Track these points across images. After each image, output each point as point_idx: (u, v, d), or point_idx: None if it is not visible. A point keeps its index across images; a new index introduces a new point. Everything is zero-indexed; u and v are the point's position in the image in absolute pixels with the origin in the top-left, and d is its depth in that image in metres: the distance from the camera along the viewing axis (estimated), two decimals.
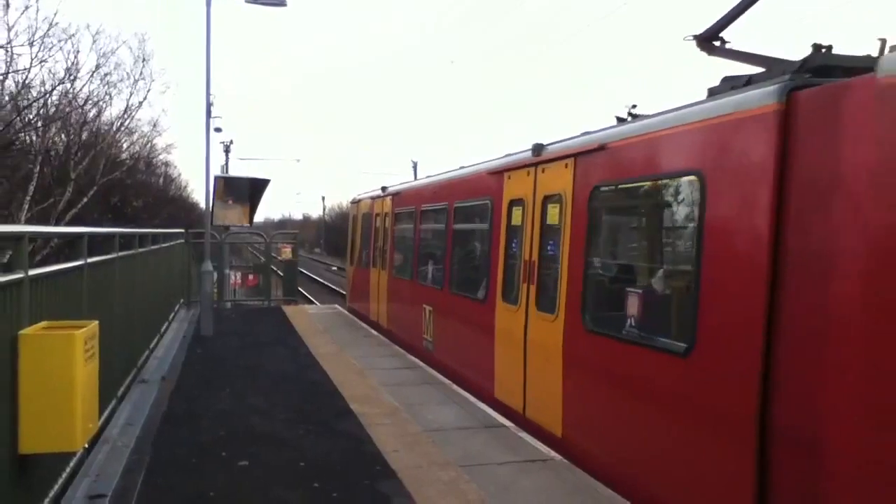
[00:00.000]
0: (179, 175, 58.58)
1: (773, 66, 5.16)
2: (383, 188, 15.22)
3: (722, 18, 5.91)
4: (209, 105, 14.81)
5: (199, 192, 63.93)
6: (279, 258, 22.40)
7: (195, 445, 6.80)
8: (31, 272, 4.73)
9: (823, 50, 4.85)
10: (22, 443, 4.39)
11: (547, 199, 7.37)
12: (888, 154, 3.64)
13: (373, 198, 15.95)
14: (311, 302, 26.68)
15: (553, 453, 6.62)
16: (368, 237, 16.04)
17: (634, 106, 6.86)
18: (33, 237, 8.16)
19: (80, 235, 6.70)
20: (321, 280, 39.77)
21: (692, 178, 5.15)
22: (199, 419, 7.75)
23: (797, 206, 4.19)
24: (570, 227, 6.72)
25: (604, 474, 5.91)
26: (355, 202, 18.17)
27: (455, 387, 9.42)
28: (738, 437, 4.43)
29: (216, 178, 17.02)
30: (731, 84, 5.36)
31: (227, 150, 42.08)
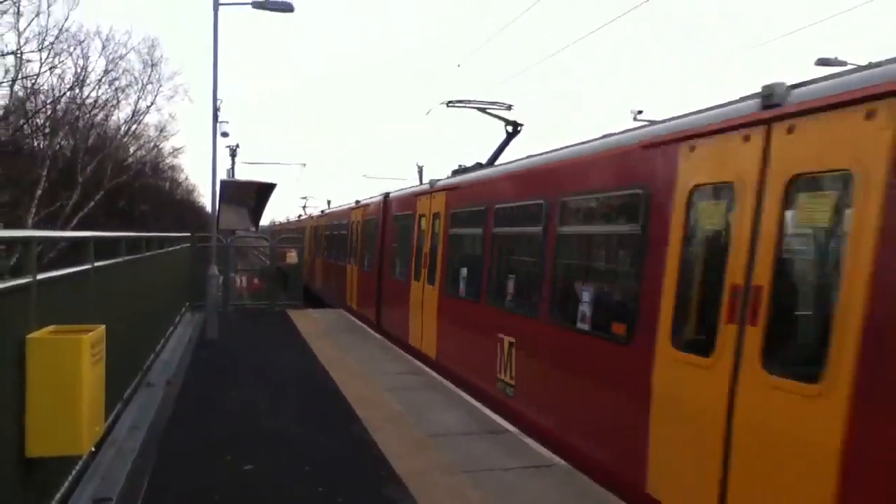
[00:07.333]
0: (187, 178, 58.93)
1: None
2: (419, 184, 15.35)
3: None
4: (216, 110, 14.89)
5: (206, 195, 64.25)
6: (285, 262, 22.45)
7: (200, 448, 6.83)
8: (40, 276, 4.76)
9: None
10: (29, 446, 4.42)
11: (799, 181, 4.50)
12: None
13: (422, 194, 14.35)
14: (317, 305, 26.69)
15: (557, 458, 6.59)
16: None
17: (640, 112, 6.63)
18: (41, 241, 8.20)
19: (87, 239, 6.73)
20: None
21: None
22: (203, 422, 7.78)
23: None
24: (884, 233, 3.90)
25: None
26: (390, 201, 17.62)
27: (459, 391, 9.43)
28: None
29: (222, 182, 17.03)
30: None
31: (233, 155, 42.10)
